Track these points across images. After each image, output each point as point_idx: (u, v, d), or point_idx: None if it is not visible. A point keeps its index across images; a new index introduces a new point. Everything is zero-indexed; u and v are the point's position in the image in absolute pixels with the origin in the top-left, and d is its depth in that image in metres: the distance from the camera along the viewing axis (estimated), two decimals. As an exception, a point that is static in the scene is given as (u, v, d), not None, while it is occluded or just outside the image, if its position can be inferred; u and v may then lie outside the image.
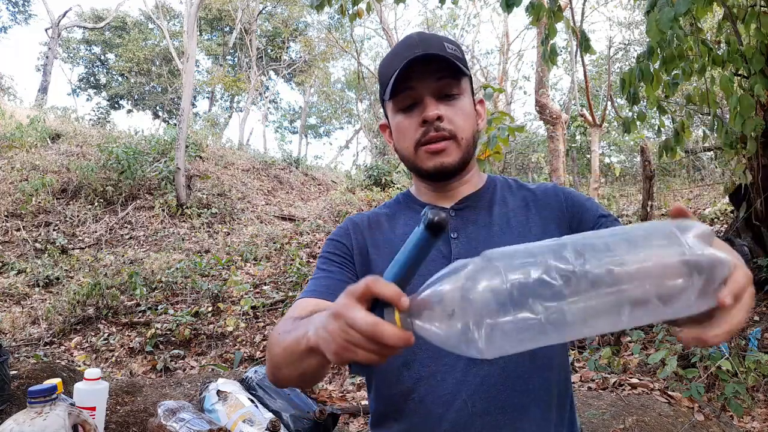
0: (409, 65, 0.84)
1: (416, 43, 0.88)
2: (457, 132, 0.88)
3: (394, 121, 0.93)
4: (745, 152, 3.48)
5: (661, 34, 2.53)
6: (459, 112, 0.89)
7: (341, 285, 0.90)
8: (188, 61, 9.63)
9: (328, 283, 0.90)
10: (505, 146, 2.45)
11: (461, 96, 0.90)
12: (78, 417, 1.12)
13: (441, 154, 0.89)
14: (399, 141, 0.93)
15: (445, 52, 0.87)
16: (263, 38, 21.77)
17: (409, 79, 0.86)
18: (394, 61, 0.88)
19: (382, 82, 0.92)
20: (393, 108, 0.92)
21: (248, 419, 1.58)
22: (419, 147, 0.90)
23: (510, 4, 2.94)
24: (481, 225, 0.92)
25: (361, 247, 0.95)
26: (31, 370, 1.96)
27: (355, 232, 0.97)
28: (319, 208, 10.07)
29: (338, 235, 0.98)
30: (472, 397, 0.82)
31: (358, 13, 4.14)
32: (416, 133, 0.89)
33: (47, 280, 6.14)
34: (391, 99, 0.90)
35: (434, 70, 0.86)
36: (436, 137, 0.88)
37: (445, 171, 0.90)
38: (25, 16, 20.76)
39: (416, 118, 0.89)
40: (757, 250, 4.26)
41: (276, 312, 5.23)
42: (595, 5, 13.51)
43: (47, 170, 8.96)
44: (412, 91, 0.88)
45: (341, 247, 0.96)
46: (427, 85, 0.87)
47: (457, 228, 0.92)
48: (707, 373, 2.94)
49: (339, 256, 0.95)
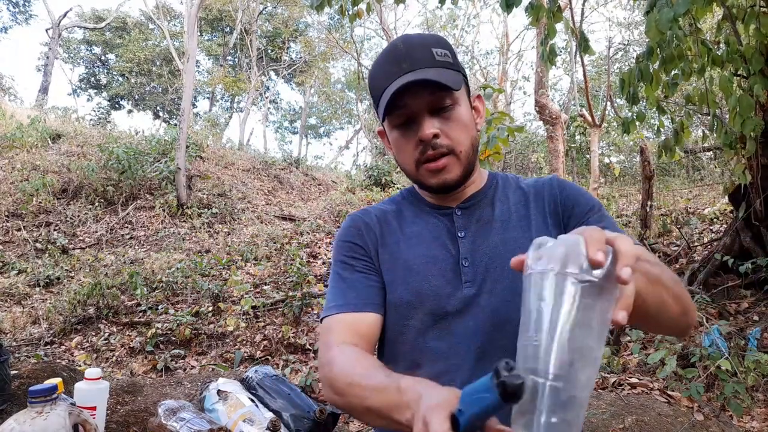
0: (399, 90, 0.82)
1: (402, 57, 0.85)
2: (455, 146, 0.87)
3: (392, 137, 0.92)
4: (745, 152, 3.48)
5: (660, 35, 2.54)
6: (455, 125, 0.87)
7: (371, 292, 0.90)
8: (189, 62, 9.64)
9: (358, 293, 0.89)
10: (505, 146, 2.46)
11: (456, 106, 0.88)
12: (78, 417, 1.12)
13: (443, 171, 0.88)
14: (399, 156, 0.93)
15: (434, 63, 0.85)
16: (263, 39, 21.77)
17: (401, 97, 0.84)
18: (383, 78, 0.86)
19: (375, 99, 0.91)
20: (389, 124, 0.91)
21: (248, 419, 1.58)
22: (420, 165, 0.89)
23: (509, 4, 2.94)
24: (485, 222, 0.93)
25: (375, 246, 0.95)
26: (32, 370, 1.96)
27: (368, 232, 0.96)
28: (319, 208, 10.08)
29: (352, 237, 0.96)
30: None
31: (358, 13, 4.15)
32: (415, 152, 0.88)
33: (48, 280, 6.15)
34: (385, 118, 0.89)
35: (426, 85, 0.84)
36: (435, 155, 0.87)
37: (448, 187, 0.90)
38: (26, 16, 20.78)
39: (413, 137, 0.87)
40: (757, 250, 4.26)
41: (276, 312, 5.23)
42: (595, 5, 13.52)
43: (48, 170, 8.96)
44: (406, 109, 0.86)
45: (359, 249, 0.94)
46: (420, 102, 0.85)
47: (463, 227, 0.93)
48: (707, 373, 2.94)
49: (359, 259, 0.93)
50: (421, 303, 0.88)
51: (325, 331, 0.87)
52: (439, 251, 0.91)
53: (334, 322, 0.87)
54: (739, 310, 4.11)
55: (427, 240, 0.93)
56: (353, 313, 0.87)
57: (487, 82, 14.59)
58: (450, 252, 0.91)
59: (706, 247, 5.45)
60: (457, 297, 0.87)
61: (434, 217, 0.96)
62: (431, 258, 0.91)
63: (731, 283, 4.38)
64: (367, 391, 0.73)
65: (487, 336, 0.85)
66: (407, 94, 0.84)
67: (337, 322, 0.86)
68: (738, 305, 4.16)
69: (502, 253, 0.88)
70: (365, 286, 0.90)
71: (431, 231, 0.94)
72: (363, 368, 0.77)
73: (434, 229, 0.94)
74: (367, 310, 0.87)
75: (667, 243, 6.02)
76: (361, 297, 0.88)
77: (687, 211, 7.35)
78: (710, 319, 3.58)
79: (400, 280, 0.90)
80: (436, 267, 0.90)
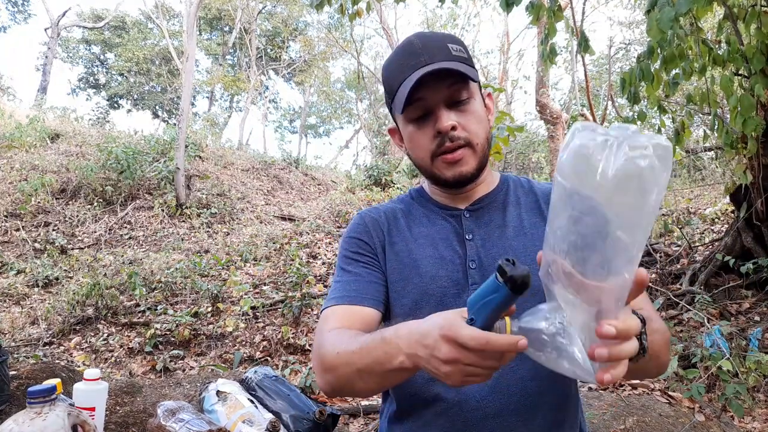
0: (419, 81, 0.82)
1: (419, 50, 0.85)
2: (471, 138, 0.87)
3: (406, 132, 0.92)
4: (746, 152, 3.48)
5: (661, 34, 2.53)
6: (471, 118, 0.88)
7: (371, 287, 0.90)
8: (188, 61, 9.63)
9: (358, 286, 0.89)
10: (506, 146, 2.45)
11: (472, 99, 0.88)
12: (77, 417, 1.12)
13: (459, 163, 0.88)
14: (413, 151, 0.92)
15: (451, 57, 0.85)
16: (263, 38, 21.78)
17: (420, 89, 0.84)
18: (399, 71, 0.86)
19: (390, 93, 0.90)
20: (404, 118, 0.91)
21: (248, 420, 1.58)
22: (436, 158, 0.89)
23: (510, 3, 2.93)
24: (495, 226, 0.92)
25: (383, 243, 0.95)
26: (31, 371, 1.95)
27: (375, 229, 0.96)
28: (318, 208, 10.07)
29: (359, 233, 0.96)
30: (486, 397, 0.83)
31: (357, 12, 4.14)
32: (431, 144, 0.88)
33: (46, 280, 6.14)
34: (402, 112, 0.89)
35: (444, 78, 0.84)
36: (452, 147, 0.87)
37: (464, 179, 0.90)
38: (25, 15, 20.79)
39: (430, 129, 0.87)
40: (758, 250, 4.26)
41: (275, 312, 5.22)
42: (596, 5, 13.51)
43: (46, 170, 8.95)
44: (423, 102, 0.86)
45: (364, 245, 0.95)
46: (437, 95, 0.85)
47: (472, 229, 0.93)
48: (708, 374, 2.93)
49: (363, 255, 0.94)
50: (427, 303, 0.88)
51: (321, 321, 0.88)
52: (446, 252, 0.91)
53: (330, 312, 0.88)
54: (740, 311, 4.11)
55: (435, 241, 0.92)
56: (350, 306, 0.87)
57: (487, 81, 14.59)
58: (458, 253, 0.90)
59: (707, 247, 5.44)
60: (463, 299, 0.87)
61: (442, 218, 0.95)
62: (439, 259, 0.91)
63: (732, 283, 4.38)
64: (355, 355, 0.74)
65: None
66: (426, 87, 0.84)
67: (333, 312, 0.87)
68: (739, 305, 4.16)
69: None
70: (367, 282, 0.90)
71: (439, 232, 0.94)
72: (348, 337, 0.78)
73: (442, 230, 0.94)
74: (365, 304, 0.88)
75: (668, 243, 6.01)
76: (361, 291, 0.89)
77: (688, 211, 7.35)
78: (711, 320, 3.57)
79: (407, 279, 0.90)
80: (444, 268, 0.90)
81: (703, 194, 8.77)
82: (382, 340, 0.70)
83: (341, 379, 0.77)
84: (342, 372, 0.76)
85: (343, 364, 0.75)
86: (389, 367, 0.68)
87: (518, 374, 0.84)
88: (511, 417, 0.83)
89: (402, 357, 0.66)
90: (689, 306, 4.01)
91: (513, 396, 0.83)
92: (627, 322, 0.54)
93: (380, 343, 0.70)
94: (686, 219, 6.56)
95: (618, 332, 0.52)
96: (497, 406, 0.83)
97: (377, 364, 0.70)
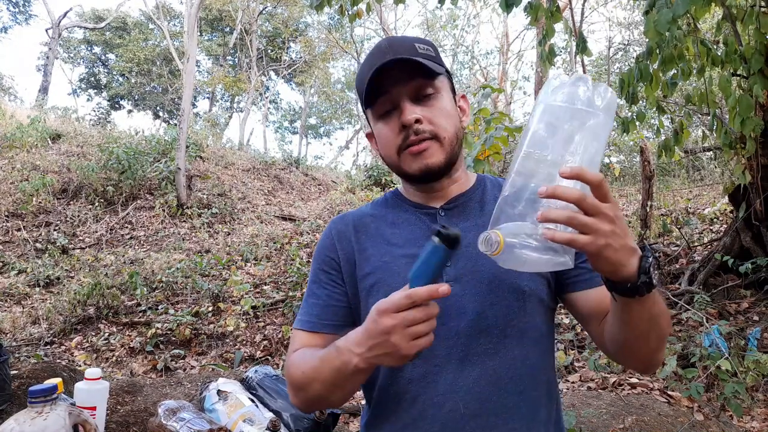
0: (379, 71, 0.84)
1: (386, 49, 0.87)
2: (438, 132, 0.87)
3: (376, 129, 0.93)
4: (745, 152, 3.49)
5: (659, 35, 2.54)
6: (437, 112, 0.88)
7: (329, 311, 0.94)
8: (188, 62, 9.64)
9: (319, 312, 0.94)
10: (505, 146, 2.45)
11: (438, 95, 0.89)
12: (78, 417, 1.13)
13: (424, 154, 0.87)
14: (383, 148, 0.93)
15: (416, 53, 0.86)
16: (263, 38, 21.77)
17: (383, 84, 0.86)
18: (367, 69, 0.87)
19: (359, 92, 0.92)
20: (373, 116, 0.92)
21: (248, 419, 1.58)
22: (402, 151, 0.89)
23: (509, 4, 2.94)
24: (471, 225, 0.91)
25: (348, 255, 0.95)
26: (32, 370, 1.96)
27: (341, 240, 0.96)
28: (319, 208, 10.08)
29: (325, 247, 0.98)
30: (464, 398, 0.83)
31: (357, 13, 4.14)
32: (397, 139, 0.88)
33: (48, 280, 6.15)
34: (369, 107, 0.90)
35: (407, 72, 0.85)
36: (417, 140, 0.87)
37: (430, 172, 0.89)
38: (26, 16, 20.79)
39: (395, 123, 0.88)
40: (757, 250, 4.26)
41: (276, 312, 5.23)
42: (595, 5, 13.52)
43: (48, 170, 8.96)
44: (388, 96, 0.87)
45: (329, 261, 0.96)
46: (401, 89, 0.86)
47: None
48: (707, 373, 2.94)
49: (326, 272, 0.96)
50: None
51: (291, 340, 0.96)
52: (419, 251, 0.91)
53: (296, 335, 0.94)
54: (739, 310, 4.11)
55: (408, 241, 0.92)
56: (309, 333, 0.92)
57: (487, 82, 14.59)
58: None
59: (706, 247, 5.45)
60: (437, 298, 0.87)
61: (416, 217, 0.95)
62: (411, 259, 0.87)
63: (731, 283, 4.39)
64: (317, 371, 0.80)
65: (469, 338, 0.84)
66: (389, 79, 0.86)
67: (297, 335, 0.94)
68: (738, 305, 4.17)
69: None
70: (324, 306, 0.94)
71: (412, 231, 0.93)
72: (309, 356, 0.85)
73: (415, 229, 0.93)
74: (324, 331, 0.92)
75: (667, 243, 6.02)
76: (321, 317, 0.93)
77: (687, 211, 7.35)
78: (710, 319, 3.58)
79: (380, 282, 0.89)
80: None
81: (702, 194, 8.77)
82: (336, 350, 0.76)
83: (313, 395, 0.83)
84: (312, 389, 0.82)
85: (310, 381, 0.82)
86: (348, 373, 0.74)
87: (496, 375, 0.83)
88: (491, 417, 0.82)
89: (356, 359, 0.72)
90: (688, 306, 4.02)
91: (492, 396, 0.83)
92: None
93: (335, 354, 0.76)
94: (685, 219, 6.57)
95: (572, 172, 0.61)
96: (476, 407, 0.82)
97: (338, 373, 0.76)
